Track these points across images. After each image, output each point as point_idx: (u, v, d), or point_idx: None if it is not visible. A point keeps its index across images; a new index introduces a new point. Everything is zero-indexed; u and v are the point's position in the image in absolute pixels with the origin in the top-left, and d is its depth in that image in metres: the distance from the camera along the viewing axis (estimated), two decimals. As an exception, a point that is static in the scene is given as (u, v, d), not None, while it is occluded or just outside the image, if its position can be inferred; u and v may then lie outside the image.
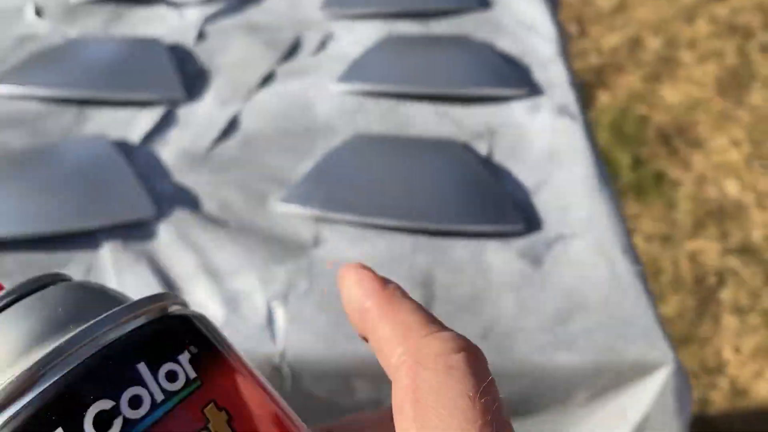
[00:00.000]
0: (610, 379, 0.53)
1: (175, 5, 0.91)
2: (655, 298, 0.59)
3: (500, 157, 0.69)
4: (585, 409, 0.54)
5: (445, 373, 0.19)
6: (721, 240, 1.99)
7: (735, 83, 2.53)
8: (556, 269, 0.58)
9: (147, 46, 0.80)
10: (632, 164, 2.25)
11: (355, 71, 0.78)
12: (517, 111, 0.75)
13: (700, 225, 2.03)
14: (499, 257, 0.59)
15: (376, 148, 0.68)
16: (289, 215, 0.62)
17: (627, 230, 0.64)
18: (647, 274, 0.60)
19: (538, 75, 0.80)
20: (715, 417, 1.61)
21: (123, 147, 0.69)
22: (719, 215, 2.06)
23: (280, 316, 0.54)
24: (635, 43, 2.74)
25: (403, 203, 0.62)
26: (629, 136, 2.36)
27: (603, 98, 2.53)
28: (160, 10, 0.89)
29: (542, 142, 0.71)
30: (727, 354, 1.73)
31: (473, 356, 0.20)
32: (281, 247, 0.60)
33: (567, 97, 0.76)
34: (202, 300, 0.55)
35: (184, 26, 0.86)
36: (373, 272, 0.24)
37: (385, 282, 0.24)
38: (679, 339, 1.69)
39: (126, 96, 0.73)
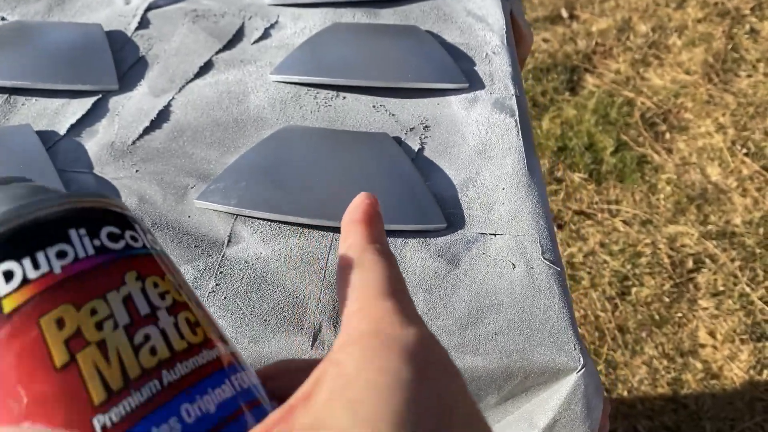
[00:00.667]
0: (517, 383, 0.51)
1: (122, -10, 0.87)
2: (572, 300, 0.56)
3: (431, 153, 0.67)
4: (492, 412, 0.52)
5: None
6: (701, 225, 1.96)
7: (722, 68, 2.48)
8: (472, 269, 0.56)
9: (85, 33, 0.77)
10: (615, 148, 2.21)
11: (293, 62, 0.75)
12: (455, 105, 0.72)
13: (681, 210, 2.00)
14: (417, 256, 0.57)
15: (304, 142, 0.65)
16: (207, 212, 0.60)
17: (552, 229, 0.61)
18: (624, 257, 0.58)
19: (482, 68, 0.76)
20: (688, 398, 1.60)
21: (48, 137, 0.66)
22: (700, 200, 2.03)
23: (183, 315, 0.52)
24: (624, 28, 2.68)
25: (323, 201, 0.59)
26: (614, 121, 2.31)
27: (590, 82, 2.48)
28: (106, -4, 0.86)
29: (476, 137, 0.68)
30: (703, 337, 1.71)
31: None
32: (194, 245, 0.57)
33: (507, 90, 0.73)
34: (107, 298, 0.53)
35: (127, 12, 0.83)
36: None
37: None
38: (655, 321, 1.67)
39: (57, 86, 0.71)
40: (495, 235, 0.59)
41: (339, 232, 0.59)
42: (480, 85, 0.74)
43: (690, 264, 1.87)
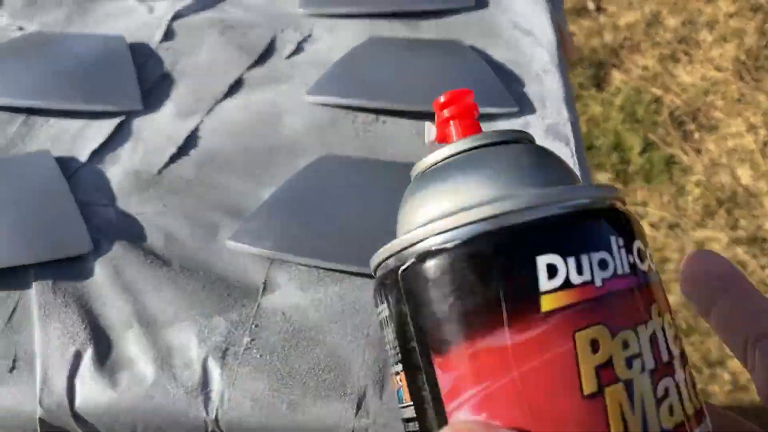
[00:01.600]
0: None
1: (145, -2, 0.82)
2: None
3: (480, 186, 0.61)
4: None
5: None
6: (731, 229, 1.89)
7: (754, 65, 2.39)
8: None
9: (107, 46, 0.71)
10: (643, 148, 2.14)
11: (329, 81, 0.69)
12: (504, 131, 0.66)
13: (710, 213, 1.93)
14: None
15: (343, 175, 0.60)
16: (240, 253, 0.55)
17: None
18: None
19: (532, 89, 0.70)
20: (714, 410, 1.54)
21: (68, 164, 0.61)
22: (730, 204, 1.96)
23: (215, 377, 0.47)
24: (653, 22, 2.59)
25: (364, 245, 0.54)
26: (641, 119, 2.24)
27: (617, 78, 2.40)
28: (128, 4, 0.81)
29: (528, 169, 0.62)
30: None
31: None
32: (226, 292, 0.52)
33: (560, 116, 0.67)
34: (133, 354, 0.48)
35: (151, 22, 0.78)
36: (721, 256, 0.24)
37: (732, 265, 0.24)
38: (682, 330, 1.61)
39: (78, 107, 0.65)
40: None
41: (383, 279, 0.53)
42: (531, 109, 0.68)
43: (719, 270, 1.80)
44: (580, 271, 0.19)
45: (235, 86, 0.70)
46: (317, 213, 0.56)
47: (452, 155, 0.25)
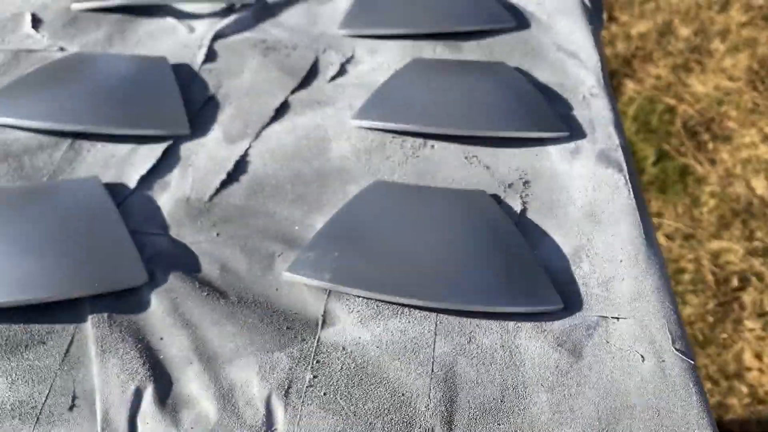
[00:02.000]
0: (656, 502, 0.45)
1: (184, 17, 0.81)
2: (708, 399, 0.50)
3: (535, 214, 0.60)
4: None
5: None
6: (747, 240, 1.88)
7: (768, 75, 2.37)
8: (597, 363, 0.49)
9: (151, 68, 0.70)
10: (657, 158, 2.12)
11: (375, 105, 0.68)
12: (555, 156, 0.64)
13: (725, 224, 1.91)
14: (533, 345, 0.50)
15: (396, 204, 0.58)
16: (297, 285, 0.53)
17: (677, 307, 0.54)
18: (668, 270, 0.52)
19: (580, 113, 0.69)
20: (733, 424, 1.52)
21: (117, 190, 0.60)
22: (746, 214, 1.94)
23: (279, 416, 0.46)
24: (665, 31, 2.58)
25: (424, 277, 0.52)
26: (655, 129, 2.22)
27: (630, 87, 2.38)
28: (168, 23, 0.79)
29: (582, 196, 0.61)
30: (749, 360, 1.63)
31: None
32: (286, 326, 0.51)
33: (611, 140, 0.66)
34: (194, 392, 0.47)
35: (192, 42, 0.77)
36: None
37: None
38: (698, 342, 1.60)
39: (125, 131, 0.64)
40: (618, 319, 0.52)
41: (442, 313, 0.52)
42: (581, 134, 0.67)
43: (735, 282, 1.79)
44: None
45: (281, 109, 0.69)
46: (373, 243, 0.55)
47: None
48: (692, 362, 0.50)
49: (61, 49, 0.75)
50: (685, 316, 1.66)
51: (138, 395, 0.46)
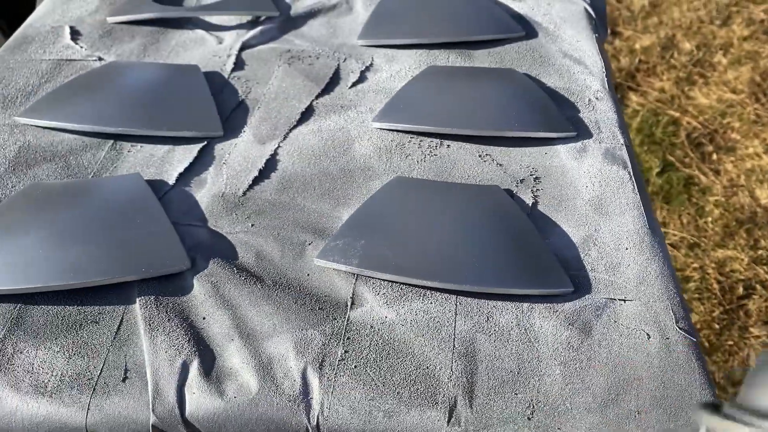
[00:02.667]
0: (662, 465, 0.49)
1: (212, 29, 0.86)
2: (710, 373, 0.54)
3: (546, 207, 0.64)
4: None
5: None
6: (751, 249, 1.91)
7: (770, 88, 2.42)
8: (605, 340, 0.53)
9: (184, 75, 0.75)
10: (661, 169, 2.16)
11: (394, 109, 0.72)
12: (564, 155, 0.69)
13: (730, 233, 1.95)
14: (547, 324, 0.54)
15: (416, 196, 0.63)
16: (326, 270, 0.58)
17: (680, 290, 0.59)
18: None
19: (586, 115, 0.74)
20: None
21: (158, 186, 0.65)
22: (750, 224, 1.97)
23: (314, 386, 0.50)
24: (668, 45, 2.63)
25: (444, 262, 0.57)
26: (659, 140, 2.27)
27: (634, 100, 2.43)
28: (198, 34, 0.85)
29: (589, 190, 0.65)
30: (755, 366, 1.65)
31: None
32: (318, 306, 0.55)
33: (615, 140, 0.70)
34: (236, 365, 0.51)
35: (221, 52, 0.82)
36: None
37: None
38: (704, 349, 1.62)
39: (163, 133, 0.69)
40: (624, 300, 0.56)
41: (461, 295, 0.56)
42: (587, 134, 0.71)
43: (740, 290, 1.81)
44: None
45: (307, 113, 0.74)
46: (396, 232, 0.60)
47: None
48: (694, 340, 0.54)
49: (99, 58, 0.80)
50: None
51: (185, 368, 0.51)
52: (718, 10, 2.63)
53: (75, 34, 0.84)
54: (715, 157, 2.25)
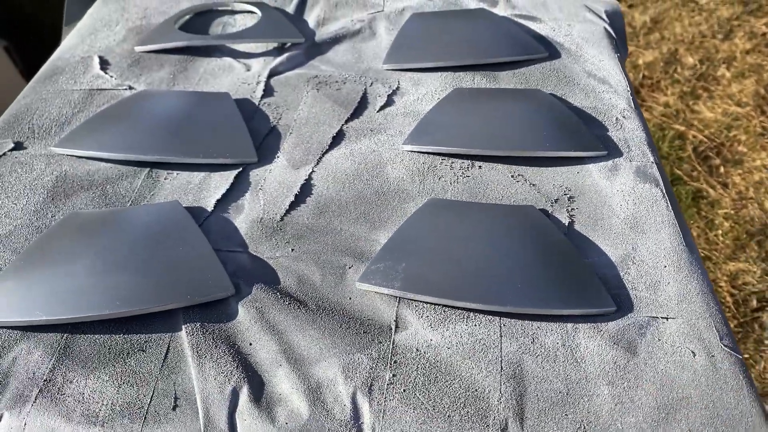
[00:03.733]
0: (716, 484, 0.48)
1: (240, 56, 0.87)
2: (757, 391, 0.53)
3: (582, 227, 0.64)
4: None
5: None
6: (763, 261, 1.91)
7: (774, 100, 2.43)
8: (651, 359, 0.53)
9: (216, 103, 0.76)
10: (670, 183, 2.16)
11: (423, 131, 0.73)
12: (596, 174, 0.70)
13: (741, 246, 1.94)
14: (593, 344, 0.54)
15: (453, 217, 0.63)
16: (368, 294, 0.58)
17: (721, 307, 0.59)
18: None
19: (615, 134, 0.74)
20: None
21: (197, 213, 0.65)
22: (761, 236, 1.97)
23: (365, 410, 0.50)
24: (671, 60, 2.65)
25: (486, 284, 0.57)
26: (666, 155, 2.27)
27: (640, 115, 2.43)
28: (226, 62, 0.86)
29: (624, 209, 0.66)
30: (772, 379, 1.64)
31: None
32: (362, 330, 0.55)
33: (646, 157, 0.71)
34: (286, 391, 0.51)
35: (250, 79, 0.83)
36: None
37: None
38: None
39: (199, 160, 0.70)
40: (667, 318, 0.56)
41: (504, 317, 0.57)
42: (617, 153, 0.72)
43: (754, 303, 1.81)
44: None
45: (338, 137, 0.74)
46: (436, 253, 0.60)
47: None
48: (740, 357, 0.54)
49: (130, 87, 0.81)
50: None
51: (235, 395, 0.51)
52: (720, 25, 2.65)
53: (104, 64, 0.85)
54: (722, 170, 2.25)
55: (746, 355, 1.66)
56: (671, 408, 0.50)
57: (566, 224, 0.64)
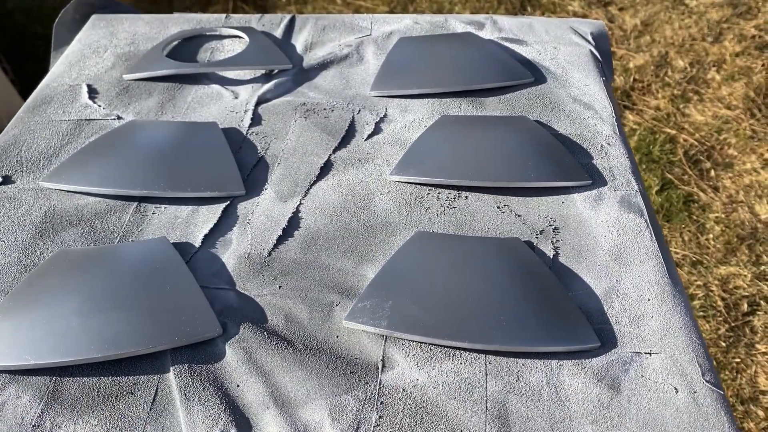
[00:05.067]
0: None
1: (228, 83, 0.87)
2: (738, 426, 0.54)
3: (566, 259, 0.65)
4: None
5: None
6: (754, 265, 1.92)
7: (764, 102, 2.44)
8: (634, 396, 0.54)
9: (204, 134, 0.76)
10: (660, 187, 2.18)
11: (410, 161, 0.74)
12: (580, 203, 0.70)
13: (732, 250, 1.96)
14: (577, 381, 0.55)
15: (439, 252, 0.64)
16: (355, 332, 0.59)
17: (704, 341, 0.59)
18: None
19: (600, 162, 0.75)
20: (751, 449, 1.55)
21: (184, 249, 0.65)
22: (751, 240, 1.99)
23: (353, 454, 0.51)
24: (661, 63, 2.66)
25: (472, 322, 0.58)
26: (657, 158, 2.28)
27: (630, 119, 2.45)
28: (213, 89, 0.86)
29: (608, 240, 0.66)
30: (763, 383, 1.66)
31: None
32: (349, 370, 0.56)
33: (630, 186, 0.72)
34: (273, 434, 0.52)
35: (238, 107, 0.83)
36: None
37: None
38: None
39: (186, 194, 0.70)
40: (650, 354, 0.57)
41: (490, 354, 0.57)
42: (602, 182, 0.72)
43: (745, 306, 1.82)
44: None
45: (325, 167, 0.75)
46: (422, 290, 0.60)
47: None
48: (722, 393, 0.54)
49: (118, 117, 0.81)
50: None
51: (222, 439, 0.51)
52: (710, 27, 2.66)
53: (92, 93, 0.85)
54: (713, 173, 2.27)
55: (737, 360, 1.67)
56: (653, 447, 0.51)
57: (551, 257, 0.65)
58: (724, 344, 1.73)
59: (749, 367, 1.69)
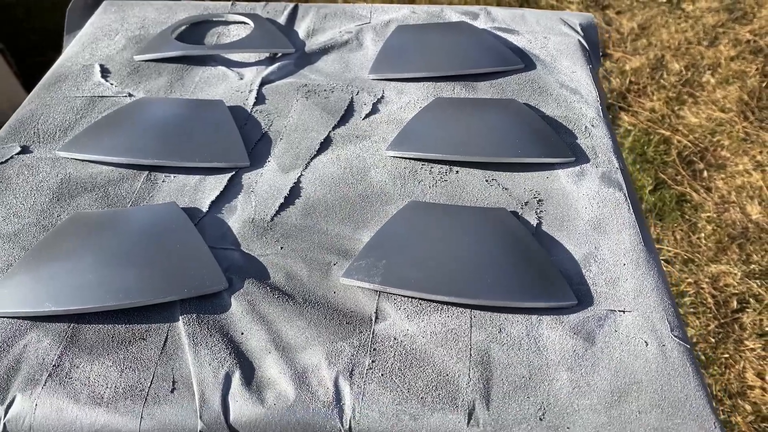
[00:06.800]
0: (662, 459, 0.54)
1: (234, 65, 0.93)
2: (704, 377, 0.59)
3: (549, 227, 0.70)
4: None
5: None
6: (744, 264, 1.97)
7: (758, 106, 2.50)
8: (607, 347, 0.59)
9: (210, 110, 0.82)
10: (654, 186, 2.23)
11: (405, 138, 0.79)
12: (564, 178, 0.75)
13: (723, 249, 2.00)
14: (554, 334, 0.60)
15: (430, 219, 0.69)
16: (351, 288, 0.64)
17: (674, 302, 0.64)
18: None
19: (583, 141, 0.80)
20: (738, 442, 1.59)
21: (192, 213, 0.71)
22: (742, 239, 2.04)
23: (346, 393, 0.56)
24: (657, 66, 2.72)
25: (459, 279, 0.63)
26: (651, 159, 2.34)
27: (626, 120, 2.51)
28: (220, 71, 0.91)
29: (589, 211, 0.71)
30: (751, 378, 1.70)
31: None
32: (345, 321, 0.61)
33: (611, 164, 0.77)
34: (274, 376, 0.57)
35: (243, 87, 0.88)
36: None
37: None
38: (701, 362, 1.67)
39: (194, 164, 0.75)
40: (624, 312, 0.62)
41: (475, 309, 0.62)
42: (585, 159, 0.78)
43: (734, 304, 1.87)
44: None
45: (325, 143, 0.80)
46: (414, 252, 0.65)
47: None
48: (688, 346, 0.60)
49: (129, 95, 0.86)
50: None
51: (228, 379, 0.56)
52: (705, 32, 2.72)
53: (105, 72, 0.90)
54: (706, 174, 2.32)
55: (726, 355, 1.72)
56: (623, 391, 0.56)
57: (534, 225, 0.70)
58: (713, 340, 1.77)
59: (737, 363, 1.73)
